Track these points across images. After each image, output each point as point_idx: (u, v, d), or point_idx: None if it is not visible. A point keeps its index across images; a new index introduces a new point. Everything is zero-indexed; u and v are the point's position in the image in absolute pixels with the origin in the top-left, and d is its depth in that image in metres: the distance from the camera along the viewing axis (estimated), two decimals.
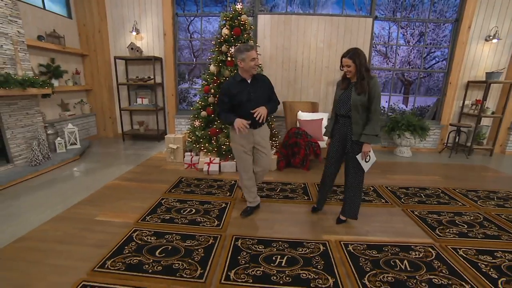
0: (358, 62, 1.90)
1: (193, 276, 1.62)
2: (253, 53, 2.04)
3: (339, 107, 2.12)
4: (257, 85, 2.18)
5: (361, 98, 1.95)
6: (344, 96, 2.07)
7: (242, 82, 2.15)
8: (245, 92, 2.12)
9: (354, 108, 1.98)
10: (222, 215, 2.38)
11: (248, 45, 2.06)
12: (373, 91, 1.93)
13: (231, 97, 2.12)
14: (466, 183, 3.33)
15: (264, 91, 2.21)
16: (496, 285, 1.59)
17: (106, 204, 2.62)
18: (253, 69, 2.08)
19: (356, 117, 2.00)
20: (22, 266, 1.73)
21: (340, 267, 1.72)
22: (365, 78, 1.93)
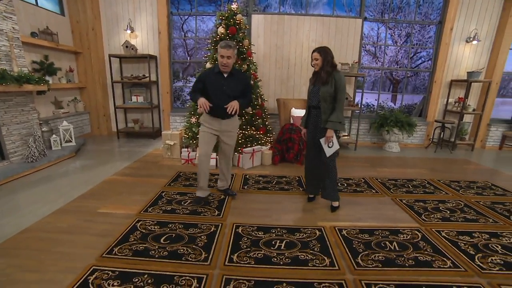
0: (324, 57, 2.16)
1: (198, 260, 1.72)
2: (223, 51, 2.13)
3: (311, 99, 2.35)
4: (232, 80, 2.28)
5: (328, 89, 2.17)
6: (315, 90, 2.30)
7: (218, 75, 2.26)
8: (218, 84, 2.24)
9: (323, 99, 2.21)
10: (222, 205, 2.48)
11: (224, 42, 2.16)
12: (338, 83, 2.16)
13: (203, 84, 2.26)
14: (450, 175, 3.55)
15: (239, 87, 2.31)
16: (473, 260, 1.77)
17: (107, 197, 2.68)
18: (222, 66, 2.19)
19: (325, 107, 2.22)
20: (32, 254, 1.78)
21: (335, 249, 1.86)
22: (329, 71, 2.18)
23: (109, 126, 5.58)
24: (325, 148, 2.26)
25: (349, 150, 4.82)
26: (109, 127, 5.59)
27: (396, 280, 1.57)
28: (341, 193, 2.83)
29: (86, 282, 1.52)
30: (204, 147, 2.40)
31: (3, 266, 1.67)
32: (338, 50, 4.88)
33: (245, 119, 3.76)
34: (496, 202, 2.71)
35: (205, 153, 2.39)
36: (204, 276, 1.56)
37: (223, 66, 2.20)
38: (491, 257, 1.81)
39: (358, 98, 5.07)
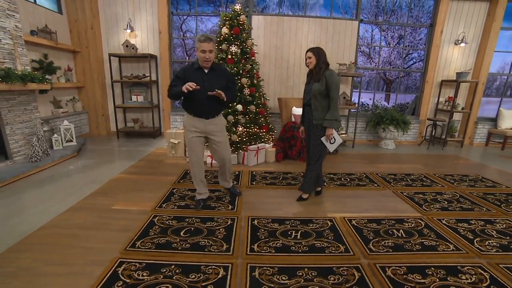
0: (317, 56, 2.26)
1: (221, 250, 1.80)
2: (203, 45, 1.98)
3: (304, 97, 2.45)
4: (214, 75, 2.15)
5: (318, 87, 2.26)
6: (308, 88, 2.41)
7: (199, 71, 2.13)
8: (200, 81, 2.05)
9: (313, 96, 2.30)
10: (234, 200, 2.57)
11: (203, 36, 2.01)
12: (329, 81, 2.22)
13: (184, 81, 2.05)
14: (443, 169, 3.77)
15: (221, 83, 2.17)
16: (473, 243, 1.93)
17: (118, 195, 2.71)
18: (203, 61, 2.05)
19: (315, 104, 2.31)
20: (55, 249, 1.81)
21: (348, 237, 1.98)
22: (321, 70, 2.27)
23: (107, 126, 5.54)
24: (327, 145, 2.36)
25: (347, 147, 4.99)
26: (107, 127, 5.55)
27: (406, 263, 1.71)
28: (346, 187, 2.99)
29: (116, 273, 1.57)
30: (192, 155, 2.28)
31: (28, 260, 1.70)
32: (335, 51, 5.05)
33: (249, 117, 3.85)
34: (487, 193, 2.92)
35: (196, 160, 2.29)
36: (230, 265, 1.64)
37: (205, 62, 2.05)
38: (488, 241, 1.98)
39: (354, 97, 5.25)
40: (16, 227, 2.09)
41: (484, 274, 1.62)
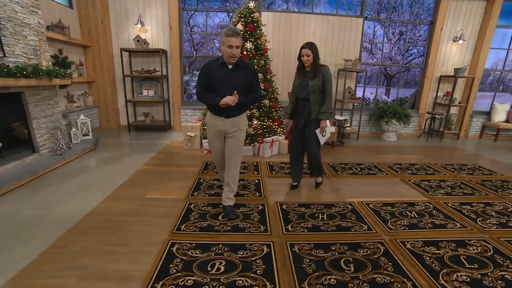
0: (315, 53, 2.33)
1: (259, 231, 2.02)
2: (231, 40, 1.86)
3: (299, 92, 2.50)
4: (238, 72, 2.02)
5: (316, 83, 2.36)
6: (303, 83, 2.46)
7: (223, 66, 2.02)
8: (222, 77, 1.99)
9: (312, 92, 2.39)
10: (260, 188, 2.79)
11: (231, 30, 1.89)
12: (326, 77, 2.35)
13: (208, 78, 2.02)
14: (443, 160, 4.07)
15: (245, 80, 2.05)
16: (476, 222, 2.22)
17: (149, 185, 2.89)
18: (230, 57, 1.93)
19: (314, 99, 2.41)
20: (108, 233, 2.00)
21: (368, 218, 2.24)
22: (318, 66, 2.37)
23: (117, 120, 5.64)
24: (319, 137, 2.49)
25: (352, 139, 5.26)
26: (117, 121, 5.64)
27: (422, 238, 1.97)
28: (358, 176, 3.24)
29: (171, 252, 1.78)
30: (214, 155, 2.32)
31: (89, 241, 1.89)
32: (341, 47, 5.25)
33: (263, 111, 4.04)
34: (485, 180, 3.23)
35: (217, 160, 2.35)
36: (271, 243, 1.87)
37: (231, 58, 1.92)
38: (489, 220, 2.27)
39: (358, 91, 5.49)
40: (66, 213, 2.26)
41: (488, 246, 1.91)
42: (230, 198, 2.28)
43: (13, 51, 2.90)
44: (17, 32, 2.94)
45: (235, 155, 2.19)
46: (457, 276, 1.60)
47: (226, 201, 2.28)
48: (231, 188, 2.26)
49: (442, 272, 1.63)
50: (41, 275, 1.56)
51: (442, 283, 1.55)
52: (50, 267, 1.63)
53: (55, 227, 2.06)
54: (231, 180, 2.24)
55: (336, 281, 1.54)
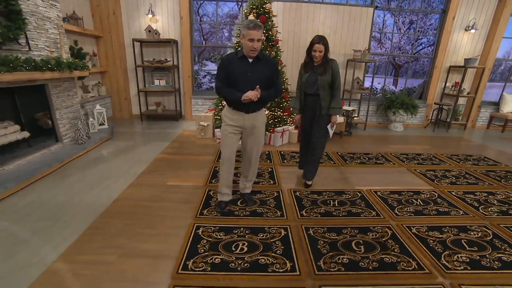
0: (327, 47, 2.26)
1: (276, 216, 2.20)
2: (253, 33, 1.79)
3: (308, 87, 2.43)
4: (259, 66, 1.96)
5: (326, 78, 2.31)
6: (311, 78, 2.39)
7: (242, 60, 1.94)
8: (242, 71, 1.93)
9: (322, 87, 2.35)
10: (273, 175, 2.95)
11: (252, 22, 1.82)
12: (335, 71, 2.30)
13: (227, 73, 1.96)
14: (449, 150, 4.17)
15: (265, 74, 1.99)
16: (478, 209, 2.37)
17: (167, 173, 3.07)
18: (250, 51, 1.86)
19: (323, 94, 2.37)
20: (138, 217, 2.19)
21: (376, 205, 2.40)
22: (328, 61, 2.31)
23: (130, 109, 5.79)
24: (330, 131, 2.51)
25: (359, 129, 5.35)
26: (130, 110, 5.79)
27: (426, 224, 2.13)
28: (366, 165, 3.38)
29: (197, 234, 1.96)
30: (225, 150, 2.15)
31: (120, 224, 2.08)
32: (350, 37, 5.25)
33: (274, 101, 4.14)
34: (489, 170, 3.34)
35: (228, 156, 2.16)
36: (287, 226, 2.05)
37: (252, 51, 1.86)
38: (490, 208, 2.41)
39: (366, 81, 5.53)
40: (95, 199, 2.45)
41: (488, 231, 2.06)
42: (248, 187, 2.41)
43: (36, 44, 3.02)
44: (39, 26, 3.05)
45: (257, 150, 2.20)
46: (457, 257, 1.77)
47: (244, 189, 2.41)
48: (250, 179, 2.37)
49: (444, 253, 1.80)
50: (85, 252, 1.76)
51: (444, 263, 1.71)
52: (91, 246, 1.83)
53: (88, 211, 2.25)
54: (251, 174, 2.33)
55: (348, 260, 1.71)
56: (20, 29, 2.61)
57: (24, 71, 2.62)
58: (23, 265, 1.62)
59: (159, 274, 1.60)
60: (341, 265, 1.67)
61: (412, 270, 1.65)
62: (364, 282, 1.55)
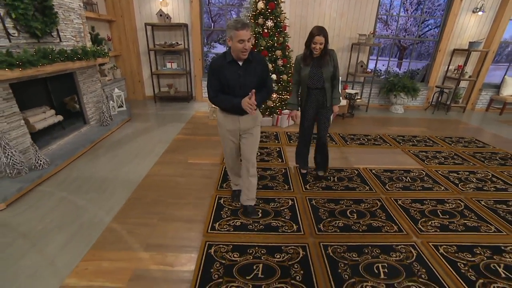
0: (327, 39, 2.19)
1: (284, 189, 2.61)
2: (242, 34, 1.65)
3: (312, 82, 2.34)
4: (250, 68, 1.84)
5: (330, 69, 2.28)
6: (315, 72, 2.30)
7: (232, 64, 1.81)
8: (234, 75, 1.81)
9: (327, 80, 2.31)
10: (281, 154, 3.33)
11: (239, 22, 1.66)
12: (336, 61, 2.28)
13: (218, 79, 1.83)
14: (444, 132, 4.47)
15: (258, 75, 1.88)
16: (457, 186, 2.75)
17: (187, 152, 3.46)
18: (241, 53, 1.73)
19: (328, 86, 2.36)
20: (168, 189, 2.61)
21: (370, 181, 2.79)
22: (328, 52, 2.25)
23: (143, 91, 6.09)
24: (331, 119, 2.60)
25: (361, 111, 5.63)
26: (143, 92, 6.10)
27: (411, 197, 2.52)
28: (364, 146, 3.73)
29: (219, 203, 2.38)
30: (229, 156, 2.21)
31: (155, 196, 2.51)
32: (356, 20, 5.33)
33: (281, 85, 4.41)
34: (477, 152, 3.67)
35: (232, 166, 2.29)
36: (294, 198, 2.46)
37: (243, 53, 1.73)
38: (468, 185, 2.78)
39: (370, 63, 5.68)
40: (129, 174, 2.87)
41: (461, 203, 2.45)
42: (251, 199, 2.24)
43: (65, 35, 3.29)
44: (66, 17, 3.30)
45: (253, 153, 2.10)
46: (431, 223, 2.18)
47: (247, 201, 2.24)
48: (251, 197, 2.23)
49: (421, 220, 2.21)
50: (131, 217, 2.21)
51: (420, 227, 2.12)
52: (135, 212, 2.27)
53: (125, 185, 2.68)
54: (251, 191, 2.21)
55: (343, 224, 2.13)
56: (54, 23, 2.89)
57: (60, 62, 2.93)
58: (88, 224, 2.08)
59: (193, 234, 2.04)
60: (337, 228, 2.10)
61: (393, 232, 2.07)
62: (354, 240, 1.98)
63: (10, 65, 2.21)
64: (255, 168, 2.16)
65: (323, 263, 1.76)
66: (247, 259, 1.77)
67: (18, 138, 2.60)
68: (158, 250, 1.86)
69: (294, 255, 1.81)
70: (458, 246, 1.94)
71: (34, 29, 2.61)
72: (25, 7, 2.46)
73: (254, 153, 2.11)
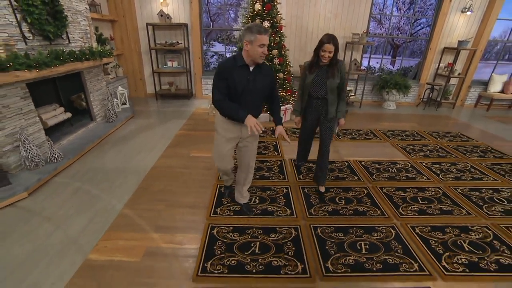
0: (337, 48, 2.09)
1: (280, 179, 2.84)
2: (264, 38, 1.69)
3: (314, 90, 2.27)
4: (259, 74, 1.84)
5: (336, 81, 2.18)
6: (318, 81, 2.23)
7: (243, 68, 1.79)
8: (244, 80, 1.79)
9: (331, 91, 2.22)
10: (277, 148, 3.57)
11: (262, 27, 1.70)
12: (343, 74, 2.19)
13: (227, 83, 1.78)
14: (433, 127, 4.72)
15: (266, 83, 1.89)
16: (438, 175, 3.00)
17: (189, 146, 3.69)
18: (260, 57, 1.74)
19: (331, 98, 2.25)
20: (173, 179, 2.84)
21: (359, 172, 3.03)
22: (337, 63, 2.16)
23: (145, 89, 6.29)
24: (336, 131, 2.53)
25: (355, 107, 5.86)
26: (145, 90, 6.30)
27: (395, 186, 2.77)
28: (355, 140, 3.97)
29: (220, 191, 2.62)
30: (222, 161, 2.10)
31: (162, 185, 2.74)
32: (350, 20, 5.54)
33: (278, 83, 4.63)
34: (460, 145, 3.92)
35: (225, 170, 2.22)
36: (289, 186, 2.70)
37: (262, 57, 1.75)
38: (448, 175, 3.03)
39: (364, 61, 5.91)
40: (136, 167, 3.10)
41: (440, 191, 2.70)
42: (245, 196, 2.34)
43: (73, 37, 3.49)
44: (74, 20, 3.49)
45: (253, 160, 2.16)
46: (411, 208, 2.43)
47: (241, 199, 2.34)
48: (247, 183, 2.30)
49: (402, 206, 2.46)
50: (141, 203, 2.44)
51: (400, 211, 2.37)
52: (143, 199, 2.50)
53: (133, 176, 2.91)
54: (247, 183, 2.29)
55: (332, 209, 2.38)
56: (64, 26, 3.09)
57: (70, 62, 3.14)
58: (103, 210, 2.31)
59: (197, 217, 2.28)
60: (326, 212, 2.34)
61: (376, 215, 2.32)
62: (341, 223, 2.22)
63: (28, 66, 2.41)
64: (252, 173, 2.25)
65: (312, 241, 2.00)
66: (246, 238, 2.01)
67: (35, 134, 2.81)
68: (167, 231, 2.10)
69: (287, 235, 2.06)
70: (432, 226, 2.19)
71: (47, 32, 2.81)
72: (40, 12, 2.66)
73: (254, 158, 2.18)
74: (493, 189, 2.76)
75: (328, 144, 2.45)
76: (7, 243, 1.92)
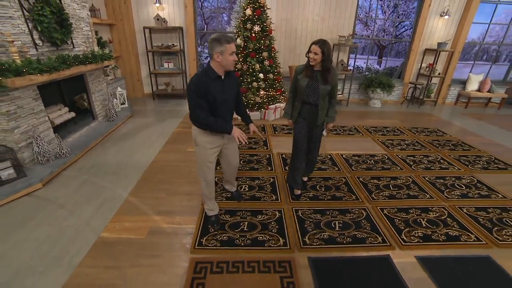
0: (327, 52, 2.05)
1: (268, 170, 3.16)
2: (233, 46, 1.75)
3: (307, 95, 2.25)
4: (229, 82, 1.91)
5: (327, 87, 2.18)
6: (311, 86, 2.21)
7: (217, 80, 1.83)
8: (219, 91, 1.83)
9: (322, 97, 2.21)
10: (267, 143, 3.89)
11: (228, 36, 1.75)
12: (336, 79, 2.19)
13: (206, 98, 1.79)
14: (414, 124, 5.08)
15: (235, 88, 1.97)
16: (411, 166, 3.34)
17: (186, 142, 3.98)
18: (232, 65, 1.81)
19: (322, 105, 2.26)
20: (173, 172, 3.14)
21: (340, 164, 3.36)
22: (330, 70, 2.13)
23: (142, 89, 6.56)
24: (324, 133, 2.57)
25: (342, 105, 6.21)
26: (142, 90, 6.56)
27: (371, 175, 3.11)
28: (339, 136, 4.31)
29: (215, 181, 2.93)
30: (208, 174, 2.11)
31: (162, 177, 3.04)
32: (336, 23, 5.88)
33: (268, 83, 4.94)
34: (435, 139, 4.29)
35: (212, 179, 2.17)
36: (275, 176, 3.02)
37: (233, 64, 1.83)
38: (420, 165, 3.38)
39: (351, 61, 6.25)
40: (138, 161, 3.39)
41: (410, 179, 3.05)
42: (234, 185, 2.65)
43: (77, 42, 3.75)
44: (77, 26, 3.76)
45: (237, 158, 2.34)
46: (383, 193, 2.77)
47: (232, 188, 2.66)
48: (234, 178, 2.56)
49: (375, 192, 2.79)
50: (144, 192, 2.74)
51: (373, 196, 2.71)
52: (146, 189, 2.80)
53: (135, 169, 3.20)
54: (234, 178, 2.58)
55: (313, 195, 2.70)
56: (70, 33, 3.36)
57: (75, 66, 3.41)
58: (110, 198, 2.61)
59: (193, 203, 2.58)
60: (307, 197, 2.67)
61: (351, 200, 2.65)
62: (319, 205, 2.54)
63: (40, 71, 2.69)
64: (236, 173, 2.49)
65: (293, 221, 2.33)
66: (236, 219, 2.33)
67: (45, 132, 3.09)
68: (167, 214, 2.40)
69: (272, 216, 2.38)
70: (398, 208, 2.53)
71: (55, 39, 3.08)
72: (49, 21, 2.93)
73: (238, 155, 2.34)
74: (456, 177, 3.12)
75: (317, 152, 2.59)
76: (28, 227, 2.20)
